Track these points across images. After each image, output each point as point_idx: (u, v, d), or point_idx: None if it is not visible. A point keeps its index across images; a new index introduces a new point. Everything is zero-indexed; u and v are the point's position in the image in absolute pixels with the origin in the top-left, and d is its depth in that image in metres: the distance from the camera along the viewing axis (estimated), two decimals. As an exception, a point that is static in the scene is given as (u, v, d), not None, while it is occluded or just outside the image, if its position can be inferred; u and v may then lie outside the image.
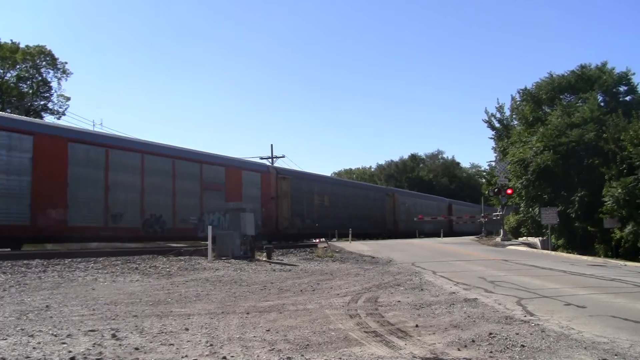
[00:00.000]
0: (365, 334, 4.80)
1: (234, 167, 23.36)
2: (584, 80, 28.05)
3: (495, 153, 32.96)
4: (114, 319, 5.42)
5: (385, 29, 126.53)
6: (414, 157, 78.86)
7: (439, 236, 36.77)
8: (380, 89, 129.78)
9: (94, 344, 4.29)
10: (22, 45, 37.35)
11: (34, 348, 4.12)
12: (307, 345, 4.36)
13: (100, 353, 4.01)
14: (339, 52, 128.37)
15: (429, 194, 59.03)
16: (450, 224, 47.41)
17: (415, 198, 46.17)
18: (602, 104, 27.00)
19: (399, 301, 6.87)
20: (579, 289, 8.17)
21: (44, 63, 38.53)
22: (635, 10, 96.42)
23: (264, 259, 13.78)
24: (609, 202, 20.73)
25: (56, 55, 38.96)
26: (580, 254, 20.15)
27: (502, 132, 33.77)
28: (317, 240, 25.89)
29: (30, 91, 38.78)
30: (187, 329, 4.94)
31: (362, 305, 6.51)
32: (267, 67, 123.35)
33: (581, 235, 24.48)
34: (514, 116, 33.20)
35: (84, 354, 3.96)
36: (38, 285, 7.99)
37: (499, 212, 29.50)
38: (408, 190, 61.18)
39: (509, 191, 27.13)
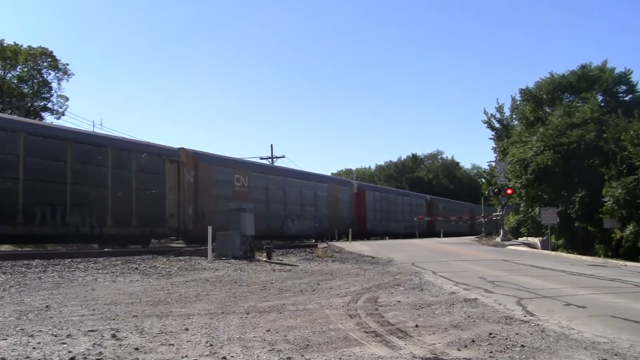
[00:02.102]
0: (365, 334, 4.80)
1: None
2: (585, 80, 28.06)
3: (495, 153, 32.97)
4: (114, 319, 5.42)
5: (386, 29, 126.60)
6: (414, 158, 78.87)
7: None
8: (380, 89, 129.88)
9: (94, 344, 4.29)
10: (24, 47, 37.39)
11: (33, 348, 4.12)
12: (307, 345, 4.36)
13: (100, 353, 4.00)
14: (339, 51, 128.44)
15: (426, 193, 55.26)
16: (363, 222, 33.99)
17: (265, 174, 26.01)
18: (602, 103, 27.01)
19: (399, 301, 6.87)
20: (579, 289, 8.17)
21: (45, 64, 38.55)
22: (635, 10, 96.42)
23: (264, 259, 13.78)
24: (609, 202, 20.73)
25: (57, 56, 39.06)
26: (580, 254, 20.15)
27: (502, 133, 33.79)
28: None
29: (31, 92, 38.79)
30: (187, 329, 4.94)
31: (362, 306, 6.51)
32: (267, 67, 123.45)
33: (581, 236, 24.49)
34: (514, 116, 33.23)
35: (84, 354, 3.96)
36: (38, 286, 7.99)
37: (499, 212, 29.49)
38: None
39: (509, 191, 27.11)
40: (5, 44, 36.69)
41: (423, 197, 47.08)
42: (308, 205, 28.79)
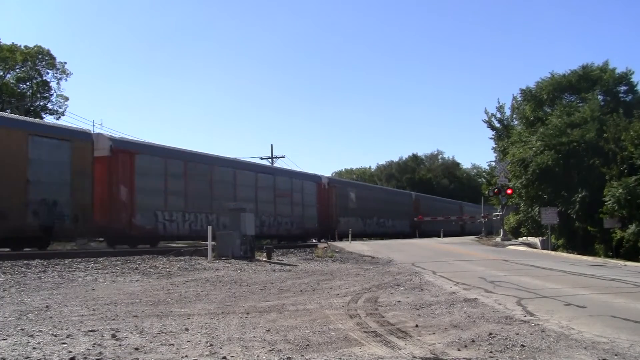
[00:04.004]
0: (365, 334, 4.80)
1: None
2: (586, 80, 28.04)
3: (495, 153, 32.98)
4: (114, 319, 5.42)
5: (385, 29, 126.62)
6: (415, 158, 78.91)
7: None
8: (380, 89, 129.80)
9: (94, 344, 4.29)
10: (21, 46, 37.42)
11: (34, 348, 4.12)
12: (307, 345, 4.36)
13: (100, 353, 4.00)
14: (339, 51, 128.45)
15: (432, 194, 51.31)
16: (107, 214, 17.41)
17: None
18: (602, 103, 27.01)
19: (399, 301, 6.87)
20: (579, 289, 8.17)
21: (43, 63, 38.56)
22: (636, 11, 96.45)
23: (264, 259, 13.78)
24: (609, 202, 20.73)
25: (55, 55, 39.07)
26: (580, 254, 20.16)
27: (502, 132, 33.78)
28: None
29: (30, 92, 38.80)
30: (187, 329, 4.94)
31: (362, 306, 6.51)
32: (267, 67, 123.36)
33: (581, 236, 24.48)
34: (514, 116, 33.23)
35: (84, 354, 3.96)
36: (38, 286, 7.99)
37: (499, 212, 29.49)
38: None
39: (509, 191, 27.10)
40: (1, 44, 36.70)
41: (312, 179, 29.44)
42: None
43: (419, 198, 43.19)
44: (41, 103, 39.26)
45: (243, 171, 24.23)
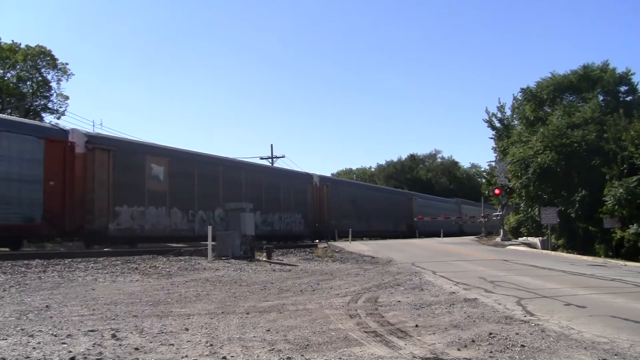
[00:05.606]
0: (365, 334, 4.80)
1: None
2: (586, 80, 28.01)
3: (495, 153, 32.95)
4: (114, 319, 5.42)
5: (385, 29, 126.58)
6: (413, 158, 78.98)
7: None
8: (380, 89, 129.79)
9: (94, 344, 4.29)
10: (22, 46, 37.40)
11: (34, 348, 4.12)
12: (307, 345, 4.36)
13: (100, 353, 4.01)
14: (339, 51, 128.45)
15: (430, 194, 49.47)
16: None
17: None
18: (602, 104, 26.99)
19: (399, 301, 6.87)
20: (579, 289, 8.17)
21: (44, 63, 38.53)
22: (635, 10, 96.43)
23: (264, 259, 13.78)
24: (610, 202, 20.74)
25: (56, 56, 39.02)
26: (580, 254, 20.15)
27: (503, 132, 33.76)
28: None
29: (30, 91, 38.78)
30: (187, 329, 4.94)
31: (362, 305, 6.51)
32: (267, 67, 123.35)
33: (581, 236, 24.48)
34: (514, 116, 33.21)
35: (84, 354, 3.96)
36: (38, 286, 8.00)
37: (499, 212, 29.49)
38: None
39: (509, 191, 27.11)
40: (2, 43, 36.66)
41: (35, 131, 15.57)
42: None
43: (326, 183, 29.56)
44: (41, 102, 39.24)
45: None
